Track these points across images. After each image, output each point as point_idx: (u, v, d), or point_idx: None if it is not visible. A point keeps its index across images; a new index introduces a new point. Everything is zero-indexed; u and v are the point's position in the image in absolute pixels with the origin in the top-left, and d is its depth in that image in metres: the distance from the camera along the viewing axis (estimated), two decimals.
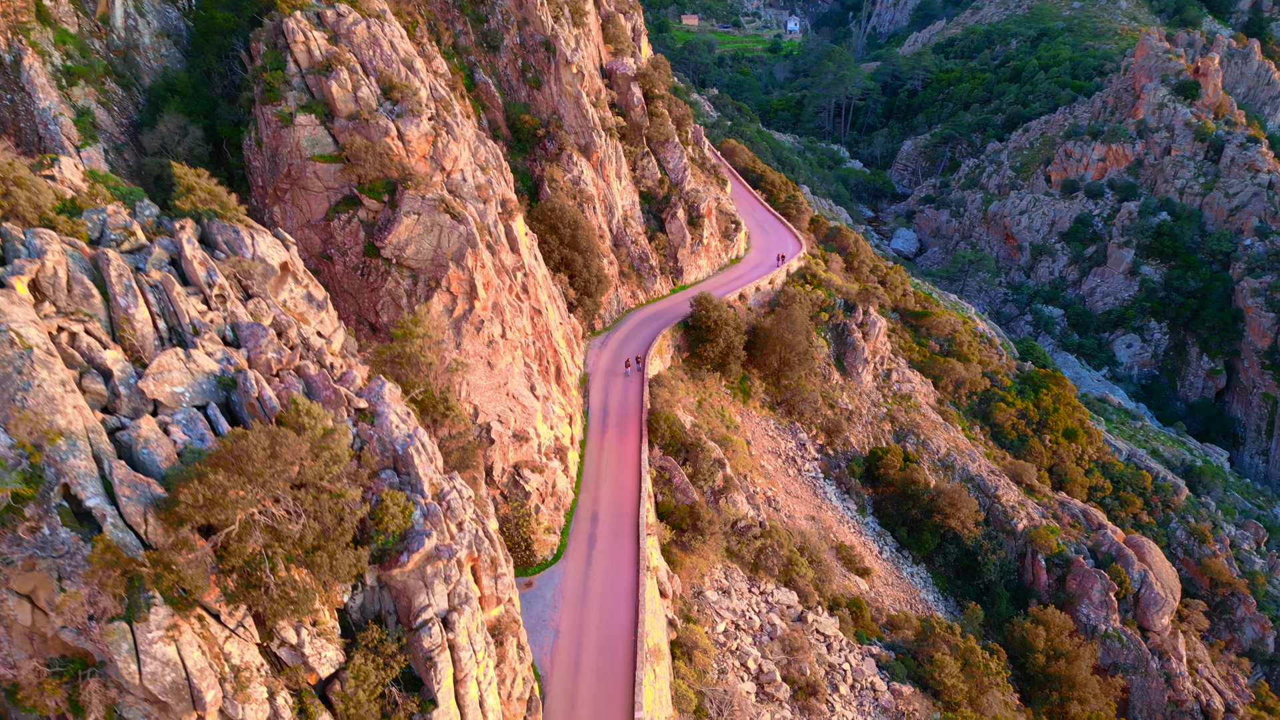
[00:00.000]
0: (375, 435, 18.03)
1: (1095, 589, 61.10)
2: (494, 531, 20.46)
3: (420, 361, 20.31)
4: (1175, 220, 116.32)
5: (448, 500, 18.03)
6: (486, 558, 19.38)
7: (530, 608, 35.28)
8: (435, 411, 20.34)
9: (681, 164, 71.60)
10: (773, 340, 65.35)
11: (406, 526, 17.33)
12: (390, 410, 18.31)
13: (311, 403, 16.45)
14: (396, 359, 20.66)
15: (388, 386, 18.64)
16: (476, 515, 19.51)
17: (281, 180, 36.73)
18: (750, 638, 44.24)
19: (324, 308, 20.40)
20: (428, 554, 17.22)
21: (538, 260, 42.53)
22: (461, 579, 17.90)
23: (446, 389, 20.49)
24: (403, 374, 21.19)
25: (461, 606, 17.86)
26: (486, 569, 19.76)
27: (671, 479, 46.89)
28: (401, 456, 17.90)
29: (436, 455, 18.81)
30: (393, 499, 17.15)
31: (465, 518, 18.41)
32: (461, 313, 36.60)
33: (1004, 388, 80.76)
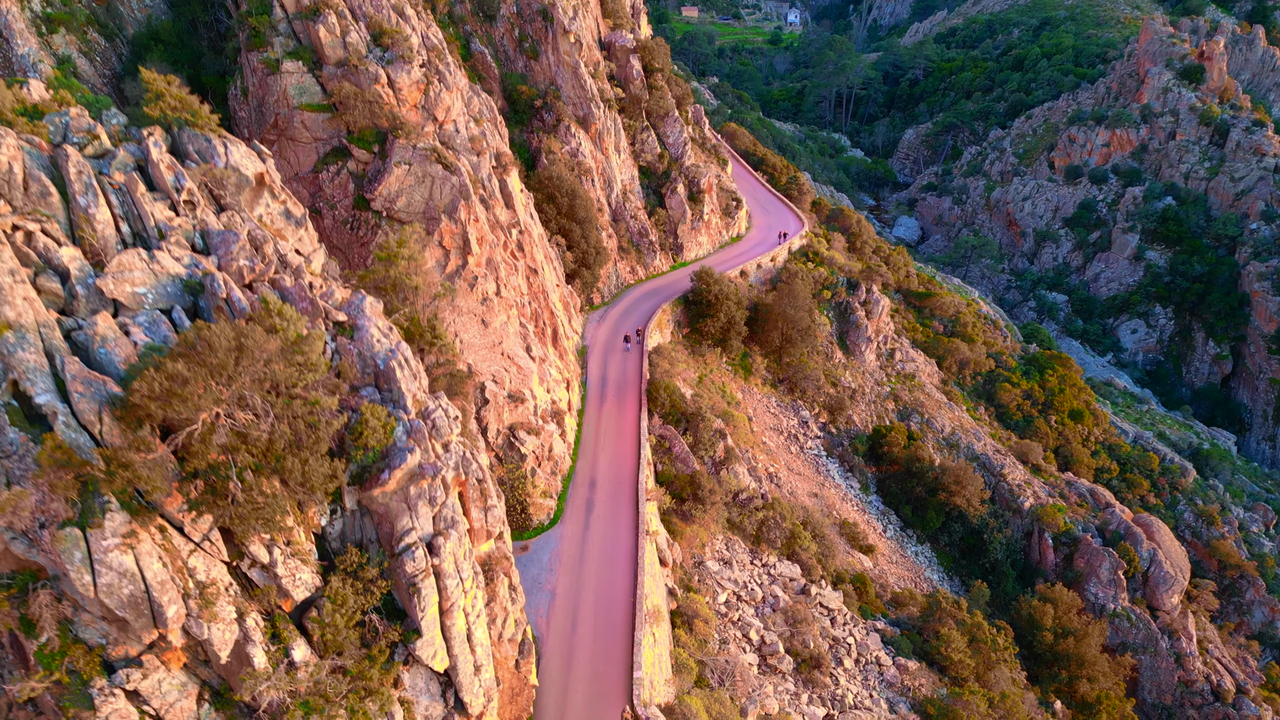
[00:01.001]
0: (355, 349, 16.91)
1: (1104, 567, 59.97)
2: (484, 465, 19.31)
3: (405, 286, 19.21)
4: (1180, 205, 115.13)
5: (432, 418, 16.91)
6: (475, 485, 18.26)
7: (526, 571, 34.19)
8: (422, 339, 19.23)
9: (682, 139, 70.49)
10: (775, 316, 64.23)
11: (388, 443, 16.21)
12: (371, 324, 17.19)
13: (285, 304, 15.34)
14: (380, 284, 19.54)
15: (368, 300, 17.51)
16: (464, 441, 18.39)
17: (268, 131, 35.61)
18: (752, 609, 43.14)
19: (303, 225, 19.27)
20: (410, 472, 16.10)
21: (533, 219, 41.43)
22: (448, 501, 16.79)
23: (434, 317, 19.35)
24: (387, 300, 20.06)
25: (448, 531, 16.74)
26: (475, 499, 18.64)
27: (671, 448, 45.78)
28: (383, 371, 16.77)
29: (421, 374, 17.69)
30: (373, 413, 16.03)
31: (452, 438, 17.29)
32: (454, 268, 35.50)
33: (1009, 369, 79.62)
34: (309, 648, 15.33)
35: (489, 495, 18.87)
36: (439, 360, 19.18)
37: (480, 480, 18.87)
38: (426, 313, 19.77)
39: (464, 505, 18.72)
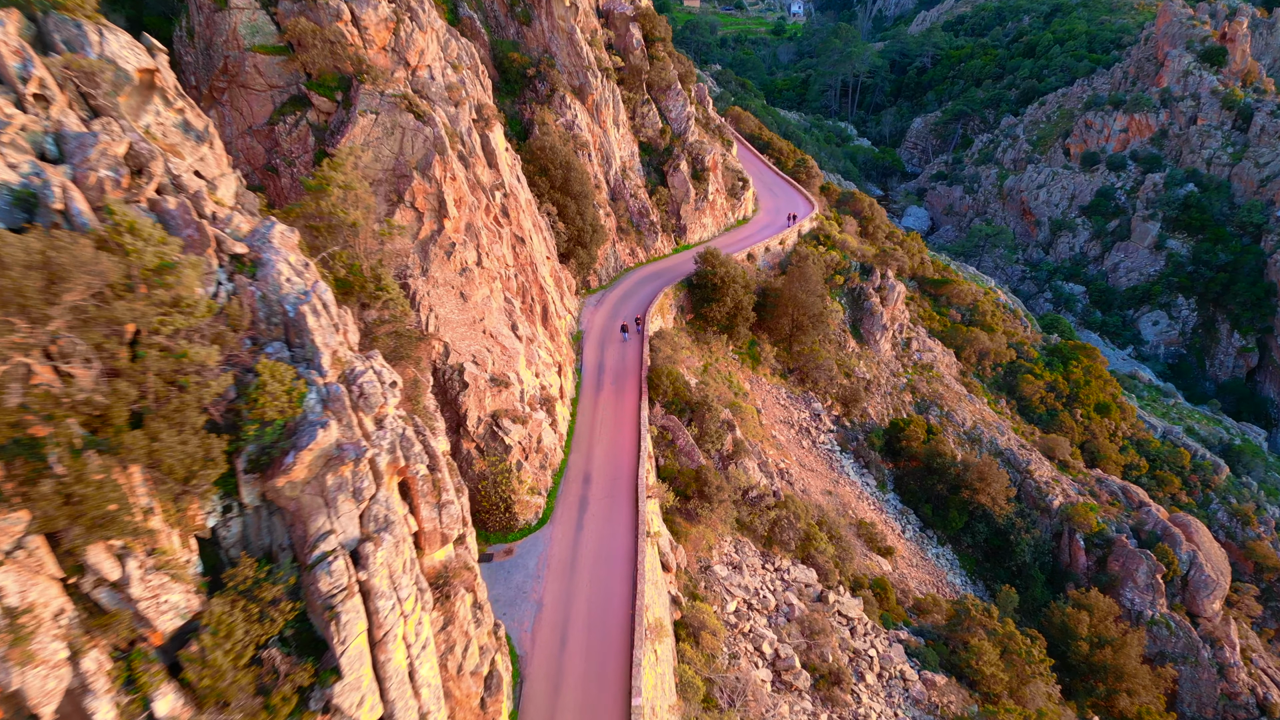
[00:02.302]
0: (257, 291, 12.64)
1: (1140, 571, 55.64)
2: (439, 450, 15.00)
3: (341, 222, 15.02)
4: (1203, 192, 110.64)
5: (360, 384, 12.65)
6: (423, 473, 13.99)
7: (510, 577, 29.95)
8: (363, 291, 15.03)
9: (685, 113, 66.21)
10: (784, 301, 59.94)
11: (295, 415, 11.94)
12: (280, 259, 12.93)
13: (145, 220, 11.05)
14: (311, 220, 15.33)
15: (278, 229, 13.26)
16: (407, 417, 14.13)
17: (217, 78, 31.37)
18: (765, 619, 38.87)
19: (207, 141, 15.01)
20: (325, 453, 11.85)
21: (520, 182, 37.15)
22: (379, 495, 12.52)
23: (379, 264, 15.11)
24: (320, 242, 15.78)
25: (380, 535, 12.48)
26: (426, 493, 14.39)
27: (675, 440, 41.52)
28: (292, 320, 12.51)
29: (349, 327, 13.43)
30: (274, 374, 11.76)
31: (388, 410, 13.02)
32: (429, 234, 31.25)
33: (1031, 359, 75.27)
34: (180, 697, 11.04)
35: (444, 488, 14.60)
36: (383, 316, 14.94)
37: (432, 469, 14.61)
38: (370, 258, 15.49)
39: (411, 501, 14.46)
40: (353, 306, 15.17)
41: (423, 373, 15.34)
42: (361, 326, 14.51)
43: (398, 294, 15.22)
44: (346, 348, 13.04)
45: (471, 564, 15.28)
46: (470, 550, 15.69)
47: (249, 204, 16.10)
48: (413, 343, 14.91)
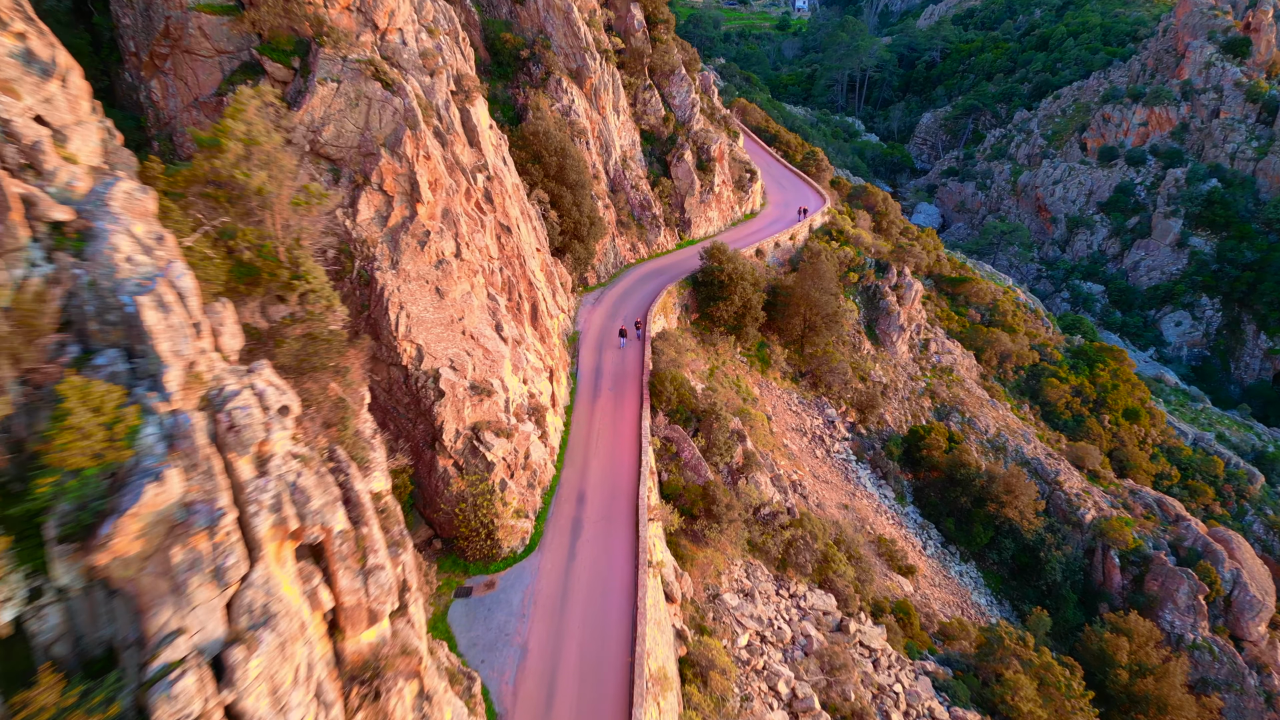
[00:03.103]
0: (84, 275, 8.69)
1: (1181, 591, 51.56)
2: (375, 493, 10.99)
3: (243, 190, 11.16)
4: (1226, 187, 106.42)
5: (229, 411, 8.67)
6: (340, 529, 10.04)
7: (490, 616, 26.01)
8: (273, 280, 11.09)
9: (689, 99, 62.26)
10: (796, 300, 55.97)
11: (123, 459, 7.97)
12: (119, 230, 8.98)
13: None
14: (206, 188, 11.42)
15: (121, 188, 9.34)
16: (318, 453, 10.18)
17: (159, 42, 27.46)
18: (780, 653, 34.88)
19: (56, 77, 11.04)
20: (162, 517, 7.85)
21: (507, 165, 33.21)
22: (255, 575, 8.56)
23: (297, 242, 11.17)
24: (221, 217, 11.81)
25: (256, 633, 8.51)
26: (344, 555, 10.44)
27: (680, 453, 37.56)
28: (131, 317, 8.55)
29: (229, 330, 9.50)
30: (85, 397, 7.80)
31: (274, 449, 9.06)
32: (399, 220, 27.35)
33: (1054, 362, 71.19)
34: None
35: (372, 547, 10.67)
36: (298, 313, 11.04)
37: (356, 522, 10.68)
38: (286, 235, 11.57)
39: (327, 566, 10.49)
40: (256, 300, 11.17)
41: (352, 387, 11.36)
42: (264, 327, 10.53)
43: (322, 284, 11.30)
44: (218, 358, 9.11)
45: (413, 643, 11.31)
46: (417, 623, 11.72)
47: (125, 160, 12.13)
48: (335, 348, 10.96)
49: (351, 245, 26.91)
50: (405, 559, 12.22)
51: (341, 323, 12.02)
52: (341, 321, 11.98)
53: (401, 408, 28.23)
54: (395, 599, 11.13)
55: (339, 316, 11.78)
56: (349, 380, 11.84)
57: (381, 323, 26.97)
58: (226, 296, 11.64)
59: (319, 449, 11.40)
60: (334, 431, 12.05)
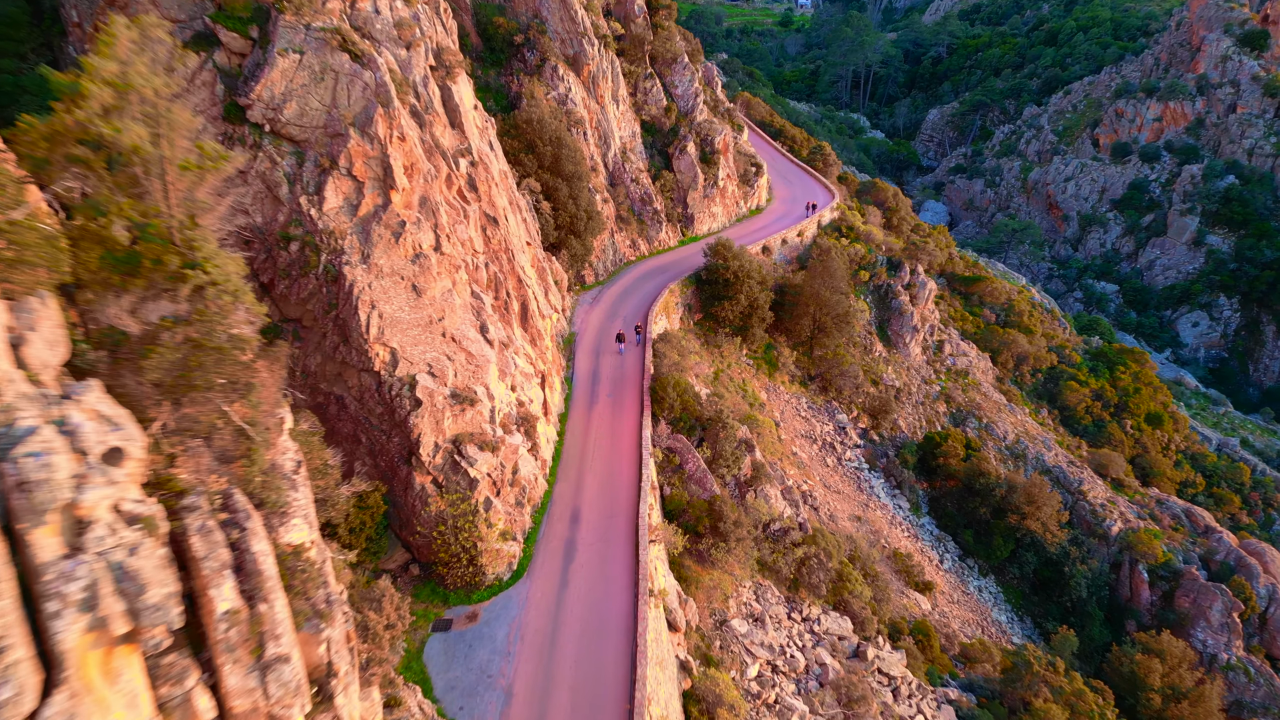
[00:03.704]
0: None
1: (1215, 608, 48.60)
2: (264, 554, 8.11)
3: (119, 149, 8.30)
4: (1244, 184, 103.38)
5: (16, 460, 5.73)
6: (225, 609, 7.16)
7: (471, 654, 23.12)
8: (157, 269, 8.22)
9: (692, 89, 59.38)
10: (805, 299, 53.05)
11: None
12: None
13: None
14: (71, 147, 8.57)
15: None
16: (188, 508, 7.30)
17: (103, 12, 24.57)
18: (793, 684, 31.98)
19: None
20: None
21: (494, 151, 30.31)
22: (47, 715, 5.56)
23: (191, 220, 8.21)
24: (88, 179, 9.02)
25: None
26: (233, 644, 7.53)
27: (683, 465, 34.66)
28: None
29: (49, 339, 6.63)
30: None
31: (92, 513, 6.12)
32: (371, 209, 24.47)
33: (1073, 365, 68.23)
34: None
35: (272, 631, 7.76)
36: (182, 311, 8.21)
37: (251, 599, 7.79)
38: (178, 209, 8.72)
39: (211, 657, 7.57)
40: (141, 291, 8.35)
41: (263, 410, 8.45)
42: (134, 331, 7.66)
43: (227, 276, 8.38)
44: (20, 377, 6.24)
45: None
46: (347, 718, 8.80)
47: None
48: (230, 360, 8.09)
49: (317, 237, 24.04)
50: (332, 634, 9.32)
51: (251, 325, 9.06)
52: (251, 324, 9.02)
53: (374, 419, 25.36)
54: (306, 699, 8.21)
55: (245, 318, 8.83)
56: (257, 401, 8.94)
57: (351, 324, 24.10)
58: (97, 289, 8.77)
59: (210, 493, 8.50)
60: (237, 468, 9.15)
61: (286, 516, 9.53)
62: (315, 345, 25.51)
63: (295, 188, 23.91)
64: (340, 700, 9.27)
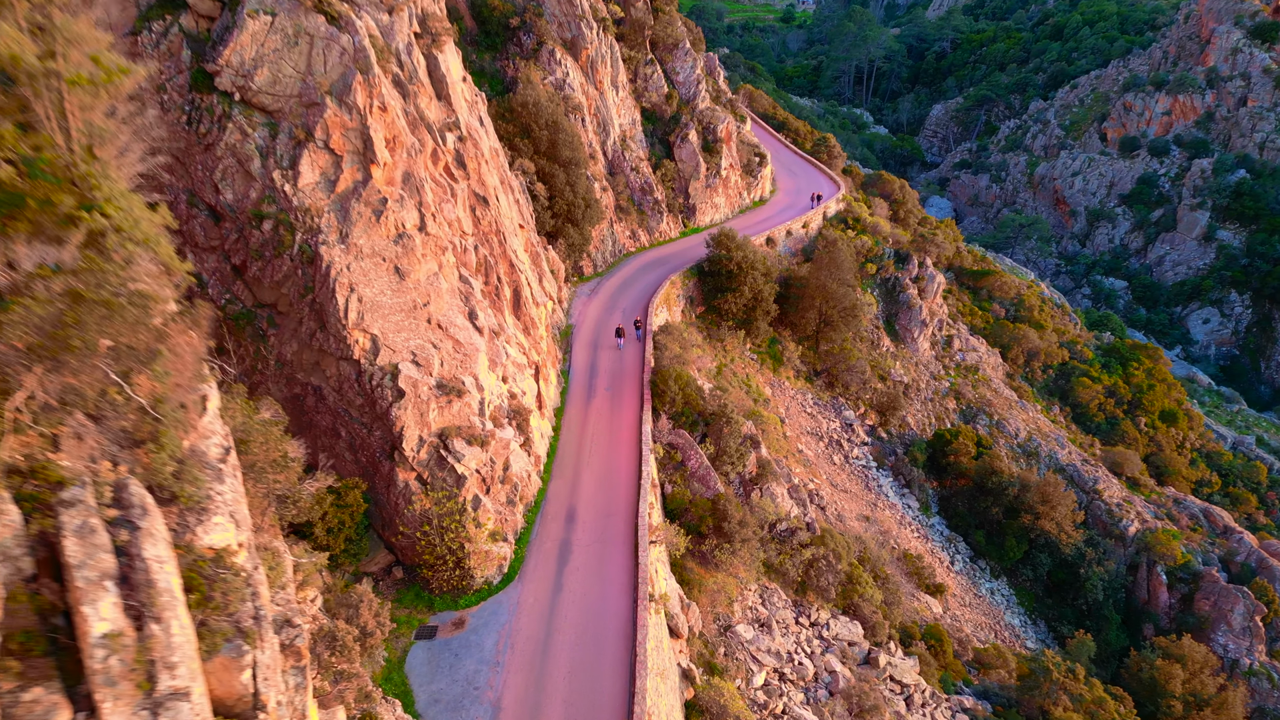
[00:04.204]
0: None
1: (1236, 611, 46.84)
2: (159, 561, 6.44)
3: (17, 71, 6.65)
4: (1256, 178, 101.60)
5: None
6: (100, 639, 5.41)
7: (456, 664, 21.42)
8: (45, 211, 6.47)
9: (694, 76, 57.68)
10: (811, 292, 51.32)
11: None
12: None
13: None
14: None
15: None
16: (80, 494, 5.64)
17: None
18: (801, 693, 30.29)
19: None
20: None
21: (484, 127, 28.60)
22: None
23: (89, 153, 6.45)
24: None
25: None
26: (112, 679, 5.74)
27: (685, 461, 32.95)
28: None
29: None
30: None
31: None
32: (350, 185, 22.78)
33: (1085, 361, 66.48)
34: None
35: (166, 661, 5.98)
36: (66, 258, 6.51)
37: (144, 616, 6.09)
38: (77, 141, 6.97)
39: (90, 695, 5.80)
40: (19, 241, 6.66)
41: (177, 382, 6.72)
42: (5, 281, 5.96)
43: (132, 218, 6.71)
44: None
45: None
46: None
47: None
48: (130, 319, 6.41)
49: (292, 215, 22.34)
50: (259, 659, 7.61)
51: (168, 286, 7.40)
52: (168, 285, 7.35)
53: (354, 411, 23.65)
54: None
55: (157, 272, 7.14)
56: (164, 371, 7.24)
57: (328, 308, 22.41)
58: None
59: (99, 484, 6.80)
60: (142, 454, 7.45)
61: (207, 514, 7.83)
62: (291, 332, 23.83)
63: (268, 162, 22.21)
64: None
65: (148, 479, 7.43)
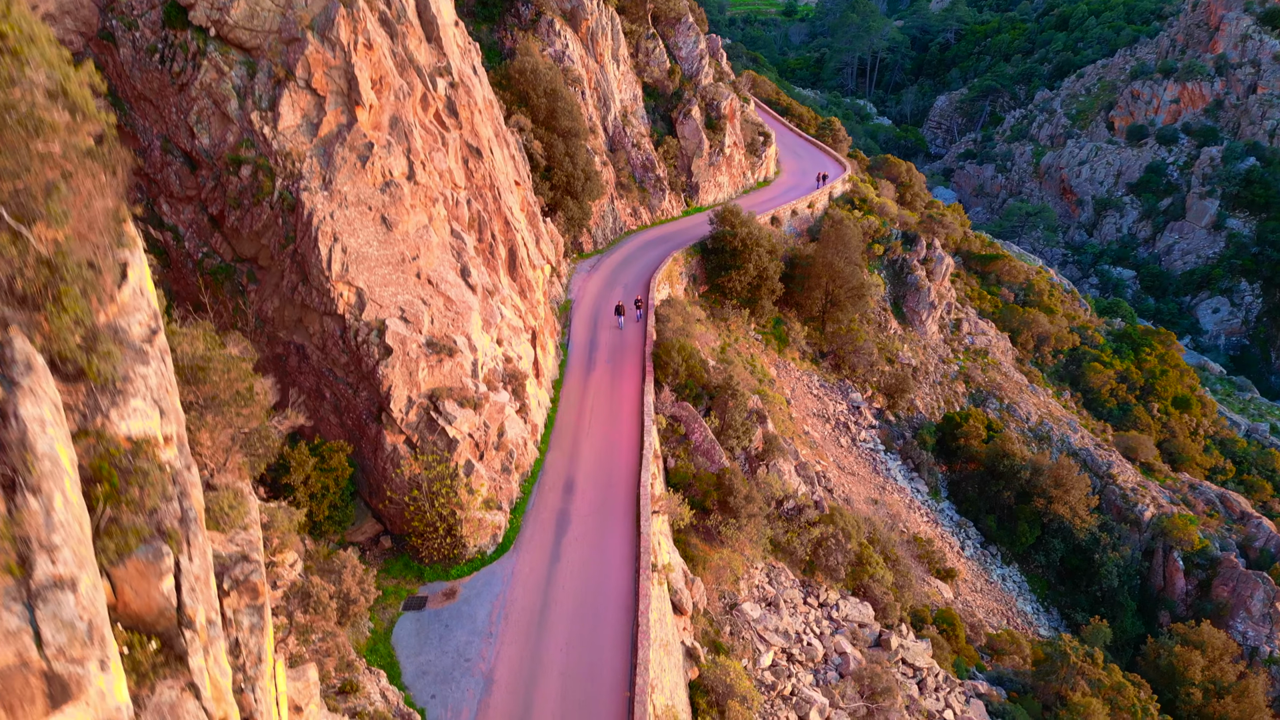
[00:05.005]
0: None
1: (1256, 598, 45.46)
2: (40, 417, 4.94)
3: None
4: (1266, 166, 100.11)
5: None
6: None
7: (447, 635, 20.11)
8: None
9: (697, 51, 56.37)
10: (817, 271, 50.00)
11: None
12: None
13: None
14: None
15: None
16: None
17: None
18: (811, 674, 28.97)
19: None
20: None
21: (478, 76, 27.28)
22: None
23: None
24: None
25: None
26: None
27: (689, 435, 31.63)
28: None
29: None
30: None
31: None
32: (334, 128, 21.46)
33: (1096, 346, 65.09)
34: None
35: (41, 544, 4.63)
36: None
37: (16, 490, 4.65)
38: None
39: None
40: None
41: (87, 240, 5.44)
42: None
43: (17, 26, 5.33)
44: None
45: None
46: None
47: None
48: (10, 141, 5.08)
49: (271, 159, 21.03)
50: (185, 565, 6.30)
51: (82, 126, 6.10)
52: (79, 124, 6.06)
53: (339, 370, 22.35)
54: (108, 652, 5.24)
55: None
56: (63, 212, 5.95)
57: (310, 258, 21.09)
58: None
59: None
60: (42, 320, 6.15)
61: (124, 396, 6.52)
62: (272, 288, 22.52)
63: (246, 103, 20.91)
64: (198, 663, 6.24)
65: (47, 349, 6.14)
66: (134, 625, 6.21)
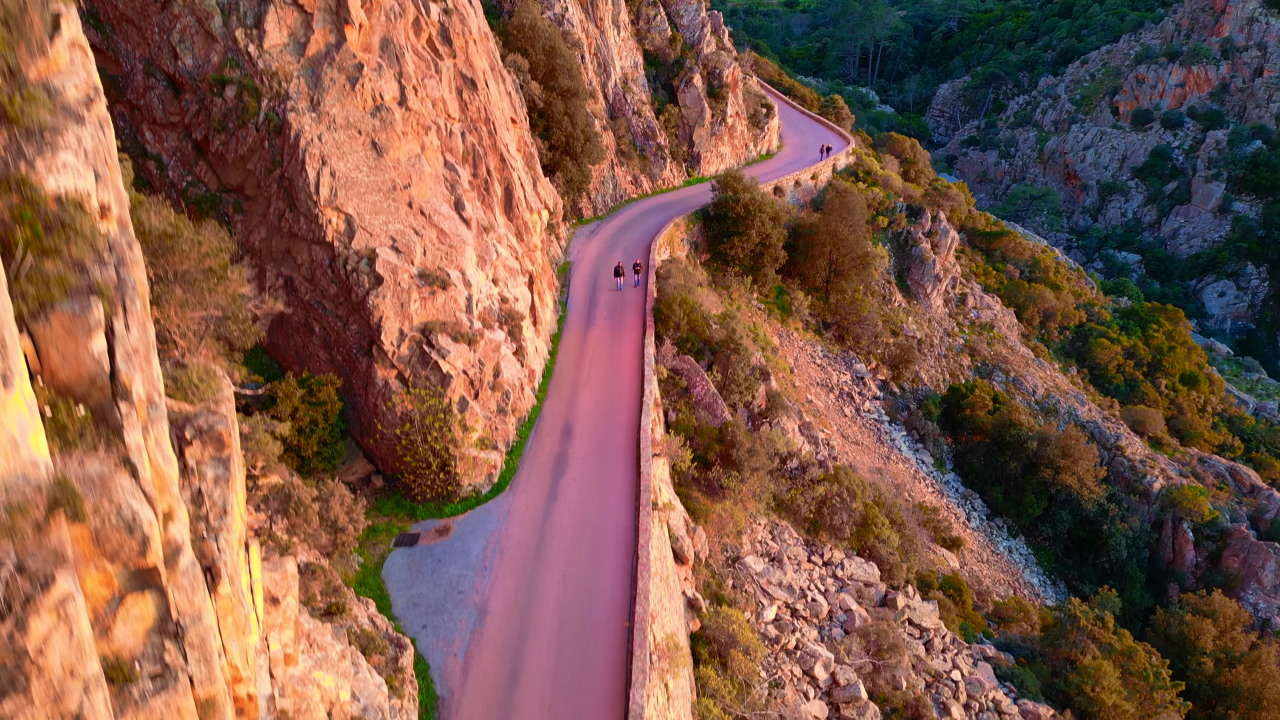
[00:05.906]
0: None
1: (1267, 568, 44.67)
2: None
3: None
4: (1272, 149, 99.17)
5: None
6: None
7: (440, 570, 19.39)
8: None
9: (699, 19, 55.58)
10: (821, 240, 49.22)
11: None
12: None
13: None
14: None
15: None
16: None
17: None
18: (815, 630, 28.24)
19: None
20: None
21: (473, 6, 26.50)
22: None
23: None
24: None
25: None
26: None
27: (691, 388, 30.88)
28: None
29: None
30: None
31: None
32: (322, 48, 20.70)
33: (1103, 322, 64.26)
34: None
35: None
36: None
37: None
38: None
39: None
40: None
41: None
42: None
43: None
44: None
45: None
46: None
47: None
48: None
49: (257, 79, 20.28)
50: (119, 329, 5.57)
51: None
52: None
53: (328, 302, 21.60)
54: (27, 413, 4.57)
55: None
56: None
57: (297, 183, 20.35)
58: None
59: None
60: None
61: (53, 149, 5.77)
62: (259, 218, 21.78)
63: (230, 20, 20.15)
64: (135, 439, 5.48)
65: None
66: (63, 392, 5.47)
